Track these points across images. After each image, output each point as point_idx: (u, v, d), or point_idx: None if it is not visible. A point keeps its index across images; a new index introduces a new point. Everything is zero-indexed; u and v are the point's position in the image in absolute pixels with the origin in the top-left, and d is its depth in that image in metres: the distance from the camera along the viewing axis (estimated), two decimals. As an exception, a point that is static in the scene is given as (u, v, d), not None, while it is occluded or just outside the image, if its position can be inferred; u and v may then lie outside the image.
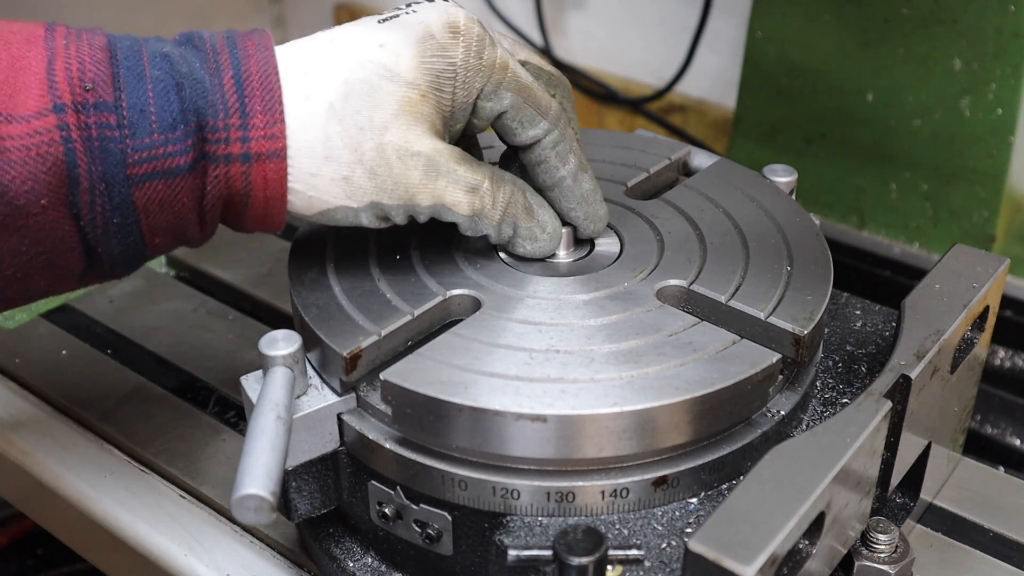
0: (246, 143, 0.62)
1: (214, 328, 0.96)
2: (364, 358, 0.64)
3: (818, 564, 0.61)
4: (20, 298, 0.65)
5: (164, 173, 0.61)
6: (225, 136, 0.62)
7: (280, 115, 0.63)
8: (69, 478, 0.82)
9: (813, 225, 0.76)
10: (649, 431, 0.61)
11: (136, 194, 0.61)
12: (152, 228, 0.63)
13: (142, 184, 0.61)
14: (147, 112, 0.61)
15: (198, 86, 0.62)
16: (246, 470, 0.56)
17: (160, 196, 0.62)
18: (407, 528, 0.66)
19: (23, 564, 1.24)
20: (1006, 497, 0.77)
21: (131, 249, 0.64)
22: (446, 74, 0.65)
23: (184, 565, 0.76)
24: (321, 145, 0.63)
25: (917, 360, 0.65)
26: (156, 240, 0.64)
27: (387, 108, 0.64)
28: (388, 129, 0.63)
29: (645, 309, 0.68)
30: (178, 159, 0.61)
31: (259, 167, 0.63)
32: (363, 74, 0.64)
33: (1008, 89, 1.01)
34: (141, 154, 0.61)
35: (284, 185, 0.64)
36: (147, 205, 0.62)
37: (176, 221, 0.64)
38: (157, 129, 0.61)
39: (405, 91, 0.64)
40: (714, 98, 1.41)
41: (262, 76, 0.63)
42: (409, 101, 0.64)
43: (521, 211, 0.69)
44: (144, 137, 0.61)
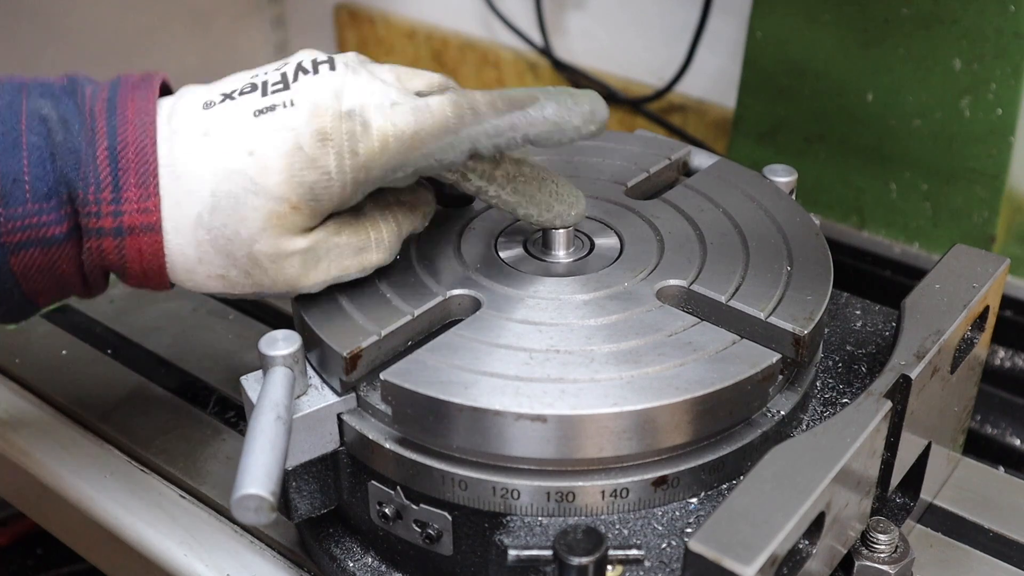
0: (118, 217, 0.62)
1: (214, 328, 0.96)
2: (364, 358, 0.65)
3: (818, 564, 0.61)
4: None
5: (39, 242, 0.62)
6: (96, 210, 0.62)
7: (155, 188, 0.62)
8: (69, 478, 0.82)
9: (813, 225, 0.76)
10: (649, 431, 0.61)
11: (12, 261, 0.62)
12: (34, 291, 0.64)
13: (18, 252, 0.62)
14: (21, 181, 0.61)
15: (71, 157, 0.62)
16: (246, 470, 0.56)
17: (38, 263, 0.63)
18: (407, 528, 0.66)
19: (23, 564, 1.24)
20: (1006, 497, 0.77)
21: (16, 307, 0.65)
22: (320, 184, 0.63)
23: (184, 565, 0.76)
24: (193, 249, 0.63)
25: (917, 360, 0.65)
26: (40, 300, 0.66)
27: (253, 223, 0.62)
28: (256, 241, 0.63)
29: (645, 309, 0.68)
30: (53, 228, 0.62)
31: (133, 240, 0.63)
32: (230, 187, 0.62)
33: (1008, 89, 1.01)
34: (15, 223, 0.61)
35: (161, 258, 0.64)
36: (25, 271, 0.63)
37: (58, 283, 0.65)
38: (31, 199, 0.61)
39: (272, 206, 0.62)
40: (714, 98, 1.41)
41: (138, 147, 0.62)
42: (277, 215, 0.63)
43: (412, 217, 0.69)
44: (17, 207, 0.61)
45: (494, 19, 1.56)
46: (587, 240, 0.75)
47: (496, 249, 0.74)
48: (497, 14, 1.54)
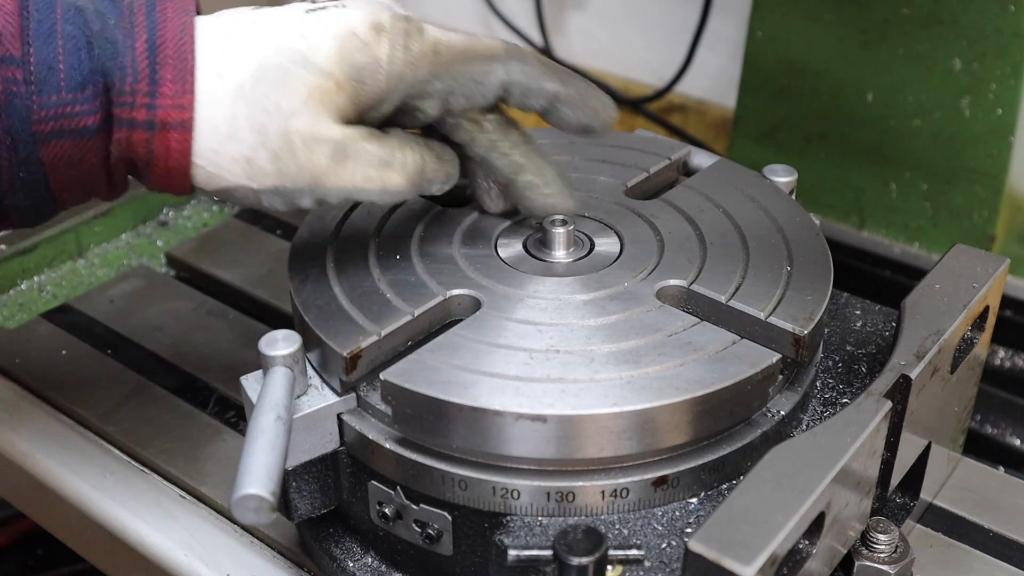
0: (152, 111, 0.61)
1: (214, 328, 0.96)
2: (364, 358, 0.64)
3: (818, 564, 0.61)
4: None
5: (71, 132, 0.61)
6: (131, 101, 0.61)
7: (191, 86, 0.62)
8: (69, 478, 0.82)
9: (813, 225, 0.76)
10: (649, 431, 0.61)
11: (42, 151, 0.61)
12: (60, 185, 0.63)
13: (49, 142, 0.61)
14: (55, 70, 0.60)
15: (109, 46, 0.61)
16: (246, 470, 0.56)
17: (68, 154, 0.62)
18: (407, 528, 0.66)
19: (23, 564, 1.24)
20: (1006, 497, 0.77)
21: (38, 203, 0.64)
22: (369, 68, 0.64)
23: (184, 565, 0.76)
24: (226, 124, 0.62)
25: (917, 360, 0.65)
26: (64, 195, 0.64)
27: (296, 94, 0.63)
28: (295, 115, 0.63)
29: (645, 309, 0.68)
30: (86, 119, 0.61)
31: (163, 136, 0.62)
32: (278, 59, 0.63)
33: (1008, 89, 1.01)
34: (48, 111, 0.60)
35: (188, 157, 0.63)
36: (54, 163, 0.62)
37: (84, 179, 0.63)
38: (65, 88, 0.60)
39: (318, 79, 0.63)
40: (714, 98, 1.41)
41: (177, 44, 0.62)
42: (321, 89, 0.63)
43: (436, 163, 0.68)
44: (51, 95, 0.60)
45: (494, 19, 1.56)
46: (587, 240, 0.75)
47: (496, 249, 0.74)
48: (497, 14, 1.54)
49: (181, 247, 1.09)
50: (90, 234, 1.11)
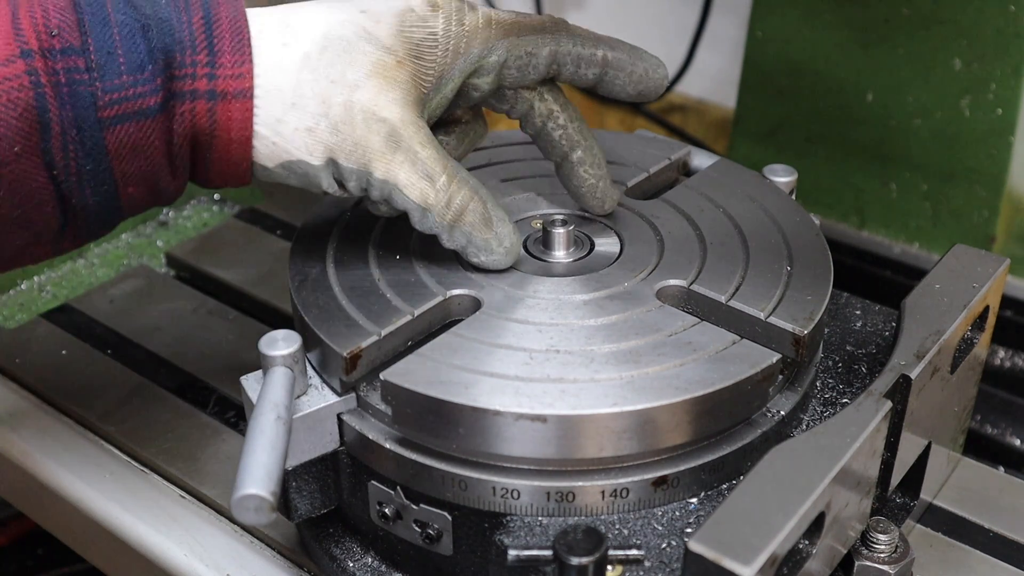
0: (213, 80, 0.63)
1: (214, 328, 0.96)
2: (364, 358, 0.64)
3: (818, 564, 0.61)
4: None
5: (135, 115, 0.62)
6: (192, 72, 0.62)
7: (248, 55, 0.63)
8: (69, 478, 0.82)
9: (813, 225, 0.76)
10: (649, 431, 0.61)
11: (108, 137, 0.61)
12: (125, 175, 0.63)
13: (113, 127, 0.61)
14: (115, 54, 0.61)
15: (164, 25, 0.62)
16: (246, 470, 0.56)
17: (132, 139, 0.62)
18: (407, 528, 0.66)
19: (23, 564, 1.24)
20: (1006, 497, 0.77)
21: (105, 200, 0.64)
22: (427, 43, 0.65)
23: (184, 565, 0.76)
24: (291, 91, 0.63)
25: (917, 360, 0.65)
26: (130, 190, 0.64)
27: (361, 67, 0.64)
28: (359, 88, 0.64)
29: (645, 309, 0.68)
30: (148, 99, 0.61)
31: (225, 106, 0.63)
32: (342, 31, 0.64)
33: (1008, 89, 1.01)
34: (112, 95, 0.61)
35: (250, 127, 0.63)
36: (119, 149, 0.62)
37: (148, 167, 0.64)
38: (126, 70, 0.61)
39: (381, 54, 0.64)
40: (714, 98, 1.41)
41: (231, 18, 0.63)
42: (384, 64, 0.64)
43: (479, 220, 0.68)
44: (113, 79, 0.61)
45: (494, 19, 1.56)
46: (587, 240, 0.75)
47: (496, 249, 0.74)
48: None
49: (181, 247, 1.09)
50: (90, 234, 1.11)
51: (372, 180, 0.65)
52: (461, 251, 0.69)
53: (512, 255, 0.70)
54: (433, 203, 0.66)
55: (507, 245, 0.69)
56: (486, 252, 0.69)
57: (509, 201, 0.79)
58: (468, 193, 0.67)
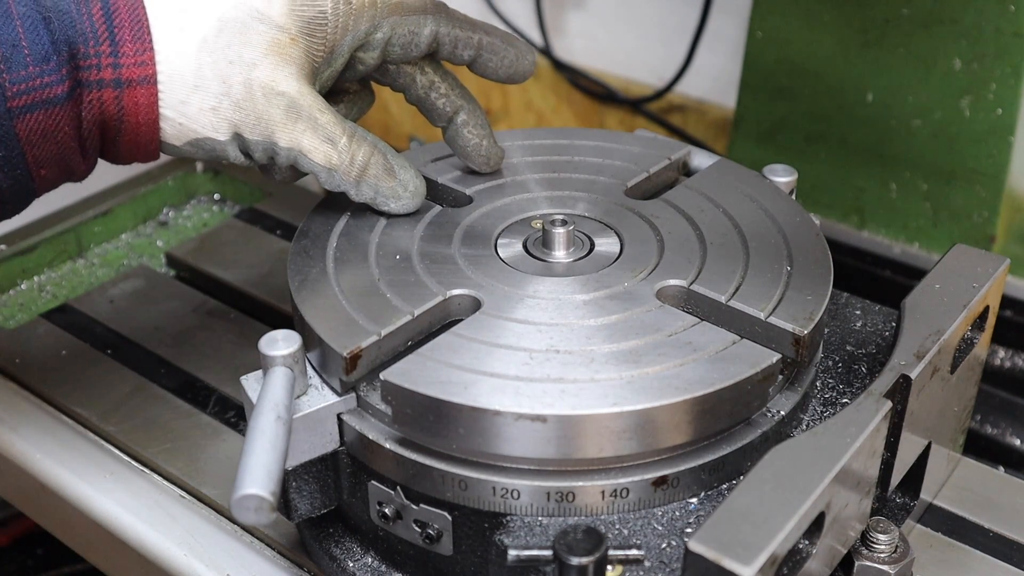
0: (117, 69, 0.66)
1: (214, 328, 0.96)
2: (364, 358, 0.65)
3: (818, 564, 0.61)
4: None
5: (43, 103, 0.64)
6: (97, 63, 0.65)
7: (149, 43, 0.66)
8: (69, 478, 0.82)
9: (813, 225, 0.76)
10: (649, 431, 0.61)
11: (18, 126, 0.64)
12: (37, 160, 0.66)
13: (23, 116, 0.64)
14: (20, 47, 0.63)
15: (65, 18, 0.65)
16: (246, 470, 0.56)
17: (42, 127, 0.65)
18: (407, 528, 0.66)
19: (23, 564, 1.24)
20: (1006, 497, 0.77)
21: (19, 183, 0.66)
22: (317, 20, 0.69)
23: (184, 565, 0.76)
24: (192, 74, 0.67)
25: (917, 360, 0.65)
26: (42, 172, 0.67)
27: (257, 47, 0.68)
28: (256, 66, 0.68)
29: (645, 309, 0.68)
30: (55, 88, 0.64)
31: (131, 93, 0.66)
32: (236, 14, 0.68)
33: (1008, 89, 1.01)
34: (19, 86, 0.63)
35: (155, 111, 0.67)
36: (30, 136, 0.65)
37: (59, 152, 0.66)
38: (32, 62, 0.63)
39: (275, 33, 0.68)
40: (714, 98, 1.41)
41: (130, 8, 0.66)
42: (278, 43, 0.68)
43: (382, 172, 0.72)
44: (20, 70, 0.63)
45: (494, 19, 1.56)
46: (587, 240, 0.75)
47: (496, 249, 0.74)
48: (497, 14, 1.54)
49: (181, 247, 1.09)
50: (90, 234, 1.11)
51: (277, 149, 0.69)
52: (371, 203, 0.74)
53: (418, 197, 0.75)
54: (337, 163, 0.70)
55: (412, 189, 0.74)
56: (394, 199, 0.74)
57: (509, 201, 0.79)
58: (368, 149, 0.72)
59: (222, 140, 0.69)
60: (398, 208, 0.74)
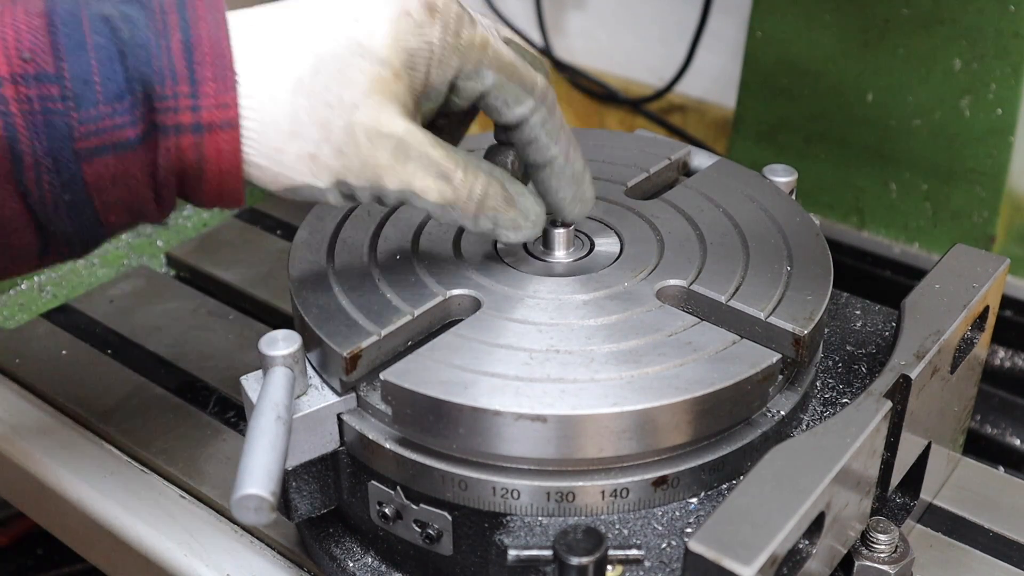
0: (197, 112, 0.59)
1: (214, 328, 0.96)
2: (364, 358, 0.65)
3: (818, 564, 0.61)
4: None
5: (114, 146, 0.59)
6: (175, 105, 0.59)
7: (232, 83, 0.60)
8: (69, 478, 0.82)
9: (813, 225, 0.76)
10: (649, 431, 0.61)
11: (86, 170, 0.59)
12: (106, 205, 0.61)
13: (91, 159, 0.58)
14: (91, 82, 0.58)
15: (142, 52, 0.59)
16: (246, 470, 0.55)
17: (111, 171, 0.59)
18: (407, 528, 0.66)
19: (23, 564, 1.24)
20: (1006, 497, 0.77)
21: (86, 228, 0.61)
22: (421, 53, 0.62)
23: (184, 565, 0.76)
24: (288, 120, 0.61)
25: (917, 360, 0.65)
26: (111, 218, 0.62)
27: (358, 86, 0.61)
28: (358, 108, 0.61)
29: (645, 309, 0.68)
30: (127, 131, 0.58)
31: (211, 138, 0.60)
32: (335, 48, 0.61)
33: (1008, 89, 1.01)
34: (88, 127, 0.58)
35: (239, 157, 0.61)
36: (98, 181, 0.59)
37: (130, 197, 0.61)
38: (103, 100, 0.58)
39: (378, 69, 0.61)
40: (714, 98, 1.41)
41: (213, 41, 0.60)
42: (381, 80, 0.61)
43: (501, 203, 0.66)
44: (90, 109, 0.58)
45: (494, 19, 1.56)
46: (587, 240, 0.75)
47: (496, 249, 0.74)
48: (497, 14, 1.54)
49: (181, 247, 1.09)
50: (90, 234, 1.11)
51: (386, 192, 0.63)
52: (489, 233, 0.67)
53: (540, 224, 0.68)
54: (454, 199, 0.64)
55: (533, 217, 0.67)
56: (514, 230, 0.67)
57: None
58: (485, 179, 0.65)
59: (321, 187, 0.62)
60: (518, 238, 0.67)
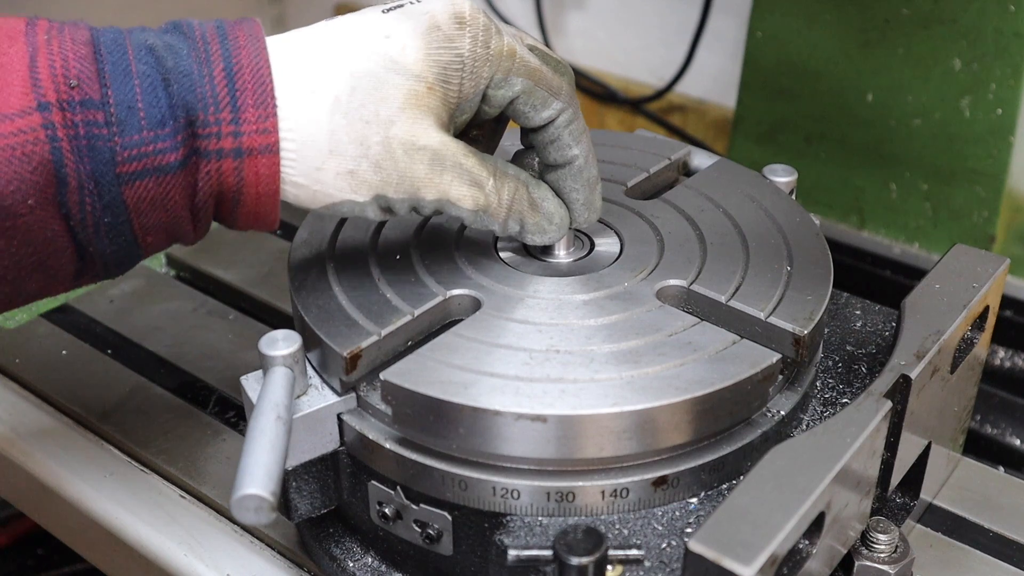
0: (238, 138, 0.61)
1: (214, 328, 0.96)
2: (364, 358, 0.65)
3: (818, 564, 0.61)
4: (13, 300, 0.64)
5: (155, 171, 0.60)
6: (216, 131, 0.61)
7: (272, 109, 0.62)
8: (69, 478, 0.82)
9: (813, 225, 0.76)
10: (649, 431, 0.61)
11: (126, 193, 0.60)
12: (144, 227, 0.62)
13: (132, 183, 0.60)
14: (135, 109, 0.60)
15: (185, 80, 0.61)
16: (246, 470, 0.55)
17: (151, 194, 0.61)
18: (407, 528, 0.66)
19: (23, 564, 1.24)
20: (1006, 497, 0.77)
21: (123, 249, 0.63)
22: (453, 66, 0.64)
23: (184, 565, 0.76)
24: (326, 139, 0.62)
25: (917, 360, 0.65)
26: (148, 239, 0.63)
27: (393, 101, 0.63)
28: (394, 123, 0.63)
29: (645, 309, 0.68)
30: (168, 156, 0.60)
31: (251, 162, 0.62)
32: (369, 66, 0.63)
33: (1008, 89, 1.01)
34: (131, 151, 0.60)
35: (276, 181, 0.63)
36: (138, 204, 0.61)
37: (168, 220, 0.63)
38: (146, 126, 0.60)
39: (412, 84, 0.63)
40: (714, 98, 1.41)
41: (253, 68, 0.62)
42: (415, 94, 0.63)
43: (527, 206, 0.68)
44: (133, 134, 0.60)
45: (494, 19, 1.56)
46: (587, 240, 0.75)
47: (496, 249, 0.74)
48: (497, 14, 1.54)
49: (181, 247, 1.08)
50: (90, 234, 1.11)
51: (423, 203, 0.65)
52: (516, 236, 0.69)
53: (564, 227, 0.70)
54: (486, 204, 0.66)
55: (557, 221, 0.69)
56: (539, 233, 0.69)
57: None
58: (512, 184, 0.67)
59: (360, 201, 0.64)
60: (543, 241, 0.70)
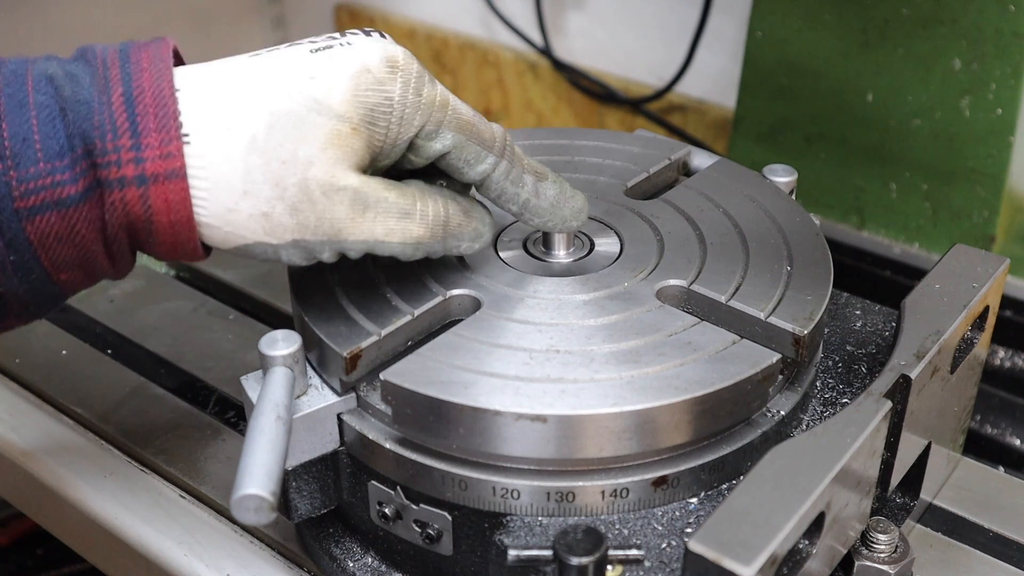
0: (140, 164, 0.58)
1: (214, 328, 0.96)
2: (364, 358, 0.65)
3: (818, 564, 0.61)
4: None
5: (55, 204, 0.58)
6: (116, 158, 0.58)
7: (176, 132, 0.59)
8: (69, 478, 0.82)
9: (813, 225, 0.76)
10: (649, 431, 0.61)
11: (29, 228, 0.58)
12: (54, 264, 0.60)
13: (33, 217, 0.58)
14: (31, 141, 0.57)
15: (83, 108, 0.58)
16: (246, 470, 0.56)
17: (55, 229, 0.58)
18: (407, 528, 0.66)
19: (23, 564, 1.24)
20: (1006, 497, 0.77)
21: (37, 288, 0.61)
22: (382, 108, 0.61)
23: (184, 565, 0.76)
24: (240, 179, 0.59)
25: (917, 360, 0.65)
26: (63, 276, 0.61)
27: (313, 142, 0.60)
28: (313, 164, 0.60)
29: (645, 309, 0.68)
30: (68, 188, 0.58)
31: (157, 189, 0.59)
32: (291, 105, 0.60)
33: (1008, 89, 1.01)
34: (27, 185, 0.57)
35: (188, 207, 0.59)
36: (43, 240, 0.59)
37: (80, 255, 0.60)
38: (43, 158, 0.57)
39: (335, 124, 0.60)
40: (714, 98, 1.41)
41: (155, 91, 0.59)
42: (338, 134, 0.60)
43: (463, 218, 0.66)
44: (29, 167, 0.57)
45: (494, 19, 1.56)
46: (587, 240, 0.75)
47: (496, 249, 0.74)
48: (497, 14, 1.54)
49: (181, 247, 1.08)
50: (90, 234, 1.11)
51: (347, 245, 0.62)
52: (456, 251, 0.67)
53: (494, 226, 0.69)
54: (421, 234, 0.64)
55: (488, 221, 0.68)
56: (476, 239, 0.67)
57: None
58: (442, 200, 0.65)
59: (274, 244, 0.61)
60: (479, 246, 0.68)
